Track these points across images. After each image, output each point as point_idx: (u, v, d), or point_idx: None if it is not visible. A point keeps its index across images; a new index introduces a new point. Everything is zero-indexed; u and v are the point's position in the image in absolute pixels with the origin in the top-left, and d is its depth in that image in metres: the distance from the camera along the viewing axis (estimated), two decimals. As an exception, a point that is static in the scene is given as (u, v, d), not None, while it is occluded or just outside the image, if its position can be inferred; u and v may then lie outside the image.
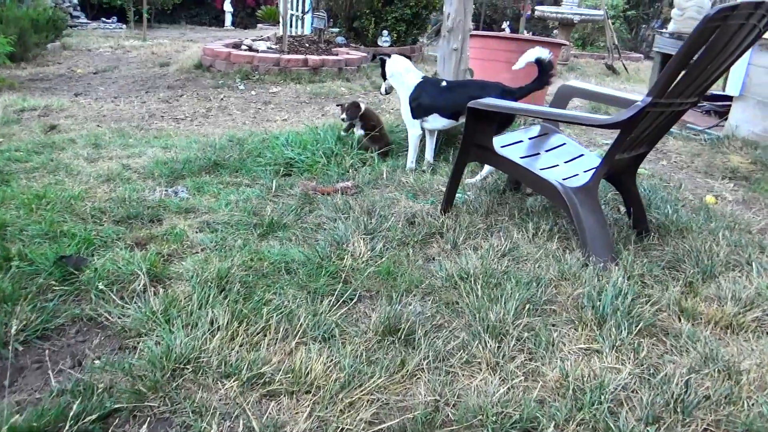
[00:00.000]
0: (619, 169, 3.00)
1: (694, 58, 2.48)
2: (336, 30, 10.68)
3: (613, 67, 10.63)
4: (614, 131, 2.64)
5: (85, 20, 16.68)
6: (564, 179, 2.82)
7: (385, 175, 3.83)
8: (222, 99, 7.08)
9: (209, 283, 2.34)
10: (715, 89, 8.35)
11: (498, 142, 2.99)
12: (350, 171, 3.89)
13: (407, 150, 4.16)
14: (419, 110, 4.01)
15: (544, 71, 3.58)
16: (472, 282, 2.42)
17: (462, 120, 4.02)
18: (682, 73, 2.54)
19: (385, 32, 10.01)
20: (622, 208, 3.31)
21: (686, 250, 2.83)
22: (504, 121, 3.75)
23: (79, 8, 16.88)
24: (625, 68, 10.75)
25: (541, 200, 3.38)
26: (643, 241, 2.97)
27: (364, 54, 9.32)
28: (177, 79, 8.42)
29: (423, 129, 4.11)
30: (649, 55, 15.17)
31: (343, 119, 4.32)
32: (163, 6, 18.80)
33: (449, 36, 4.34)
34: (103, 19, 17.21)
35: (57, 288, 2.34)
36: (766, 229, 3.41)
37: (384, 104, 6.70)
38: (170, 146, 4.67)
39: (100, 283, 2.36)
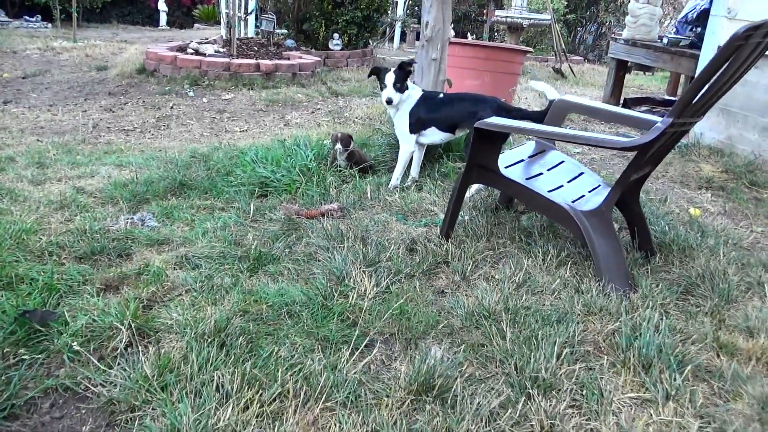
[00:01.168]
0: (624, 189, 2.86)
1: (714, 78, 2.36)
2: (284, 32, 10.29)
3: (560, 70, 10.69)
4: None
5: (6, 18, 15.52)
6: (573, 201, 2.65)
7: (369, 195, 3.56)
8: (172, 107, 6.63)
9: (206, 337, 2.03)
10: (657, 94, 8.52)
11: (501, 162, 2.79)
12: (332, 191, 3.61)
13: (391, 167, 3.92)
14: (418, 124, 3.80)
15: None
16: (496, 320, 2.21)
17: (458, 134, 3.84)
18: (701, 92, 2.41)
19: (336, 35, 9.71)
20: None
21: (698, 273, 2.71)
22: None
23: (-1, 6, 15.75)
24: (572, 71, 10.83)
25: (538, 219, 3.20)
26: (650, 263, 2.83)
27: (317, 58, 9.00)
28: (118, 84, 7.88)
29: (415, 145, 3.88)
30: (587, 57, 15.49)
31: (337, 150, 3.97)
32: (92, 4, 17.78)
33: (428, 45, 4.12)
34: (26, 17, 16.06)
35: (22, 352, 1.97)
36: (756, 242, 3.35)
37: (347, 113, 6.43)
38: (125, 164, 4.25)
39: (74, 342, 2.01)
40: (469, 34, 15.37)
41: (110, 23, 18.99)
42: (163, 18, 18.71)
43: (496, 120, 2.60)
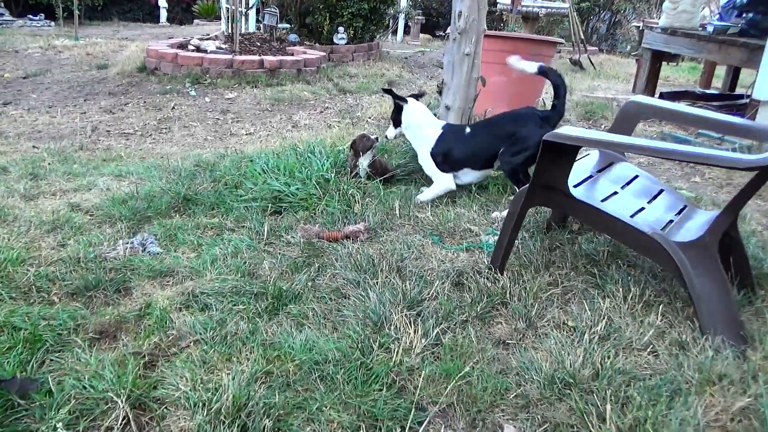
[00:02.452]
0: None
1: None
2: (286, 27, 9.77)
3: (579, 62, 10.08)
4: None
5: (10, 18, 14.99)
6: (662, 229, 2.16)
7: (398, 211, 3.10)
8: (173, 108, 6.14)
9: (221, 417, 1.58)
10: (690, 87, 7.97)
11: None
12: (355, 205, 3.15)
13: (416, 177, 3.46)
14: (446, 167, 3.36)
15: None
16: (584, 391, 1.74)
17: (497, 165, 3.32)
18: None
19: (340, 29, 9.18)
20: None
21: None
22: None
23: (2, 5, 15.18)
24: (591, 63, 10.25)
25: (601, 241, 2.74)
26: (753, 303, 2.28)
27: (322, 53, 8.49)
28: (119, 84, 7.37)
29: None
30: (601, 47, 14.80)
31: (353, 156, 3.55)
32: (93, 2, 17.20)
33: (460, 38, 3.63)
34: (30, 16, 15.53)
35: (-6, 439, 1.53)
36: None
37: (358, 112, 5.94)
38: (125, 174, 3.78)
39: (59, 423, 1.57)
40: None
41: (111, 20, 18.40)
42: (163, 14, 18.12)
43: (569, 131, 2.10)
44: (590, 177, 2.47)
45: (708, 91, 7.03)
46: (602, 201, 2.26)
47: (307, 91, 6.92)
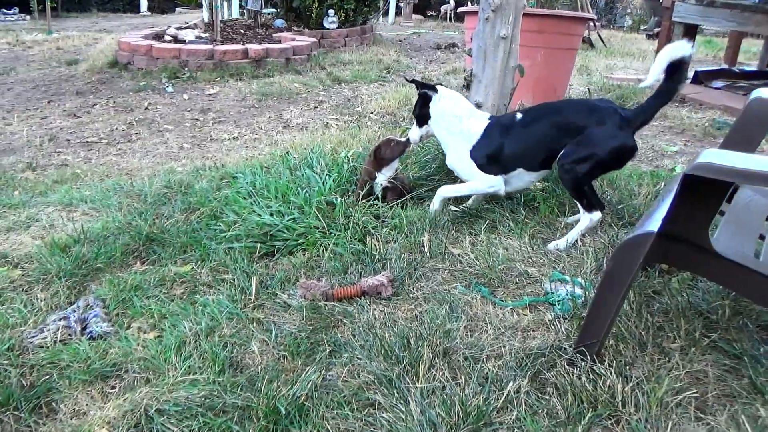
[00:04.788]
0: None
1: None
2: (272, 11, 8.86)
3: (588, 39, 9.21)
4: None
5: (-18, 13, 13.97)
6: None
7: (427, 248, 2.31)
8: (147, 108, 5.28)
9: None
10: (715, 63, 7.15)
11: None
12: (370, 241, 2.35)
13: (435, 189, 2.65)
14: (492, 169, 2.51)
15: (675, 77, 2.12)
16: None
17: (554, 166, 2.46)
18: None
19: (331, 12, 8.27)
20: None
21: None
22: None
23: (-27, -1, 14.14)
24: (602, 40, 9.36)
25: (713, 293, 1.96)
26: None
27: (312, 39, 7.60)
28: (88, 81, 6.50)
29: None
30: (601, 23, 13.86)
31: (371, 168, 2.75)
32: (71, -8, 16.14)
33: (494, 17, 2.78)
34: (3, 10, 14.46)
35: None
36: None
37: (358, 106, 5.10)
38: (76, 201, 2.96)
39: None
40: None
41: (90, 12, 17.35)
42: (144, 4, 17.06)
43: (731, 158, 1.29)
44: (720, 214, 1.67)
45: (747, 69, 6.21)
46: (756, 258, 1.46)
47: (297, 83, 6.06)
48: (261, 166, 3.12)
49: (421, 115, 2.67)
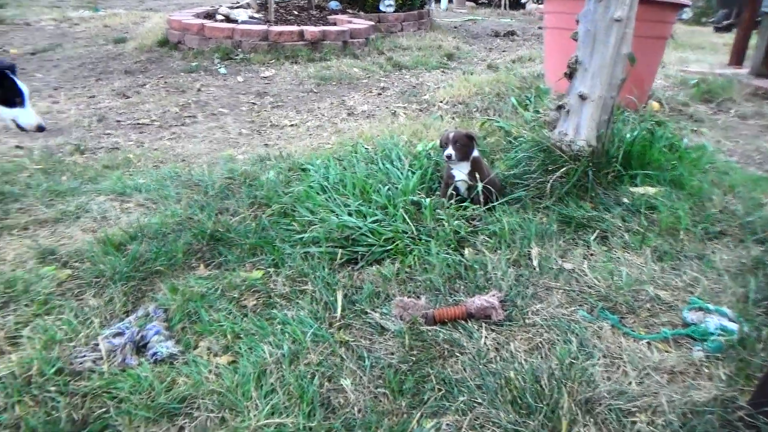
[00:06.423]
0: None
1: None
2: (325, -7, 8.56)
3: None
4: None
5: (27, -12, 14.02)
6: None
7: (535, 261, 1.98)
8: (199, 90, 5.05)
9: None
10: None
11: None
12: (468, 250, 2.03)
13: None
14: None
15: None
16: None
17: None
18: None
19: (388, -6, 7.95)
20: None
21: None
22: None
23: (20, -25, 14.19)
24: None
25: None
26: None
27: (370, 23, 7.27)
28: (137, 60, 6.31)
29: None
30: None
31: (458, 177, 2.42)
32: (117, -30, 16.11)
33: (609, -1, 2.41)
34: (49, -14, 14.52)
35: None
36: None
37: (425, 94, 4.76)
38: (130, 191, 2.71)
39: None
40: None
41: (137, -10, 17.33)
42: (191, -17, 16.95)
43: None
44: None
45: None
46: None
47: (357, 68, 5.75)
48: (332, 156, 2.82)
49: None
